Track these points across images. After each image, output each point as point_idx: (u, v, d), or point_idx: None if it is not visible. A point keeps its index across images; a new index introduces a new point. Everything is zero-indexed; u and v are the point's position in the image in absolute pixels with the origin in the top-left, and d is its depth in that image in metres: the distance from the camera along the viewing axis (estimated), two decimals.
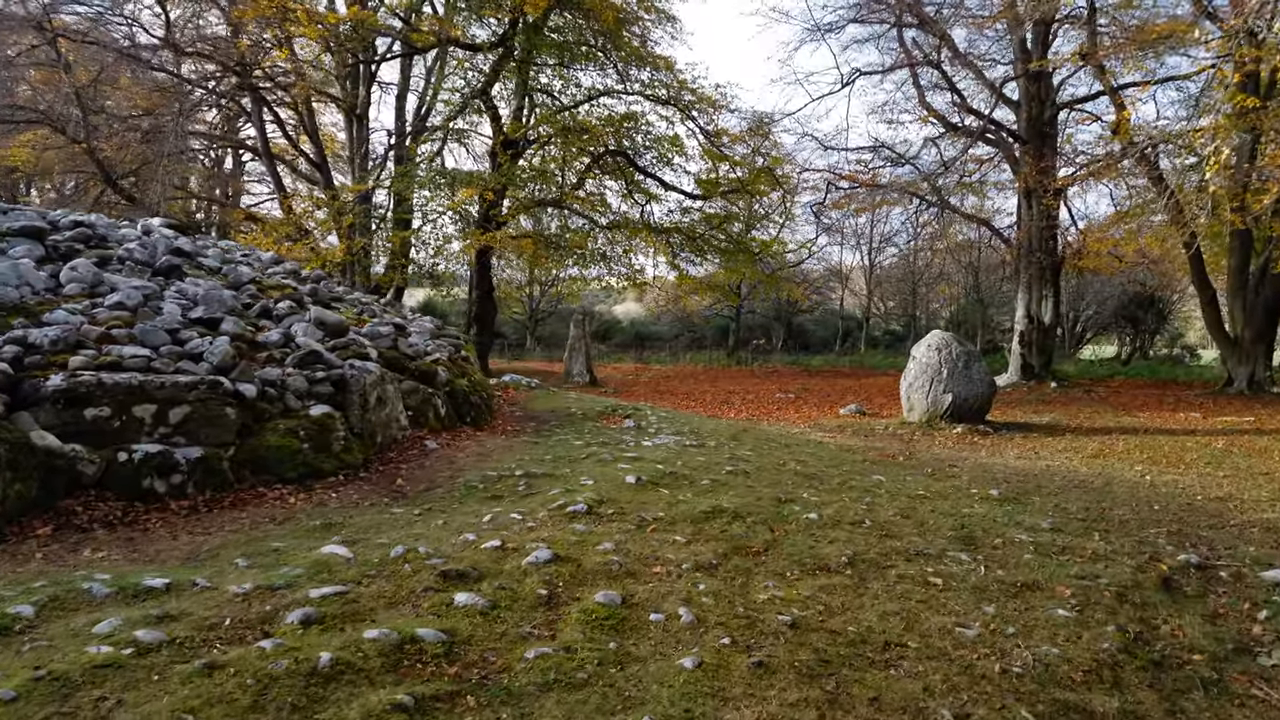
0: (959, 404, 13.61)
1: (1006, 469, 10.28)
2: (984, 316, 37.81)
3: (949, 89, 20.80)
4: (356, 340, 6.72)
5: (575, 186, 25.41)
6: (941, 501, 6.68)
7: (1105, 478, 9.73)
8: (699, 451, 7.38)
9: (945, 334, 14.25)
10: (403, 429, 6.53)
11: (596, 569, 3.94)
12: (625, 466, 6.16)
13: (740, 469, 6.70)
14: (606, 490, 5.48)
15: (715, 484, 6.01)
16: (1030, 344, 21.34)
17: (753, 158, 26.51)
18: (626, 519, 4.87)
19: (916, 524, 5.73)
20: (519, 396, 10.89)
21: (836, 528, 5.35)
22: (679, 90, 23.21)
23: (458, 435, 7.17)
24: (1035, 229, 20.86)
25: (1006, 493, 7.71)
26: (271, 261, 9.17)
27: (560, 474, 5.84)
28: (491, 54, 21.94)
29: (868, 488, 6.81)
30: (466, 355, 9.51)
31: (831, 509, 5.79)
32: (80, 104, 22.28)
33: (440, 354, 7.92)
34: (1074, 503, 7.84)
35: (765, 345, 47.17)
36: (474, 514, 4.82)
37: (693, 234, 25.99)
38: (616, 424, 9.21)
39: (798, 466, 7.32)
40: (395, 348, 7.41)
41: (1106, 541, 5.82)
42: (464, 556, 3.93)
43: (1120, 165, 16.51)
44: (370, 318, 7.95)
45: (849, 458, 9.08)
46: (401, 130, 25.86)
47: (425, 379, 7.32)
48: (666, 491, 5.60)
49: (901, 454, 11.26)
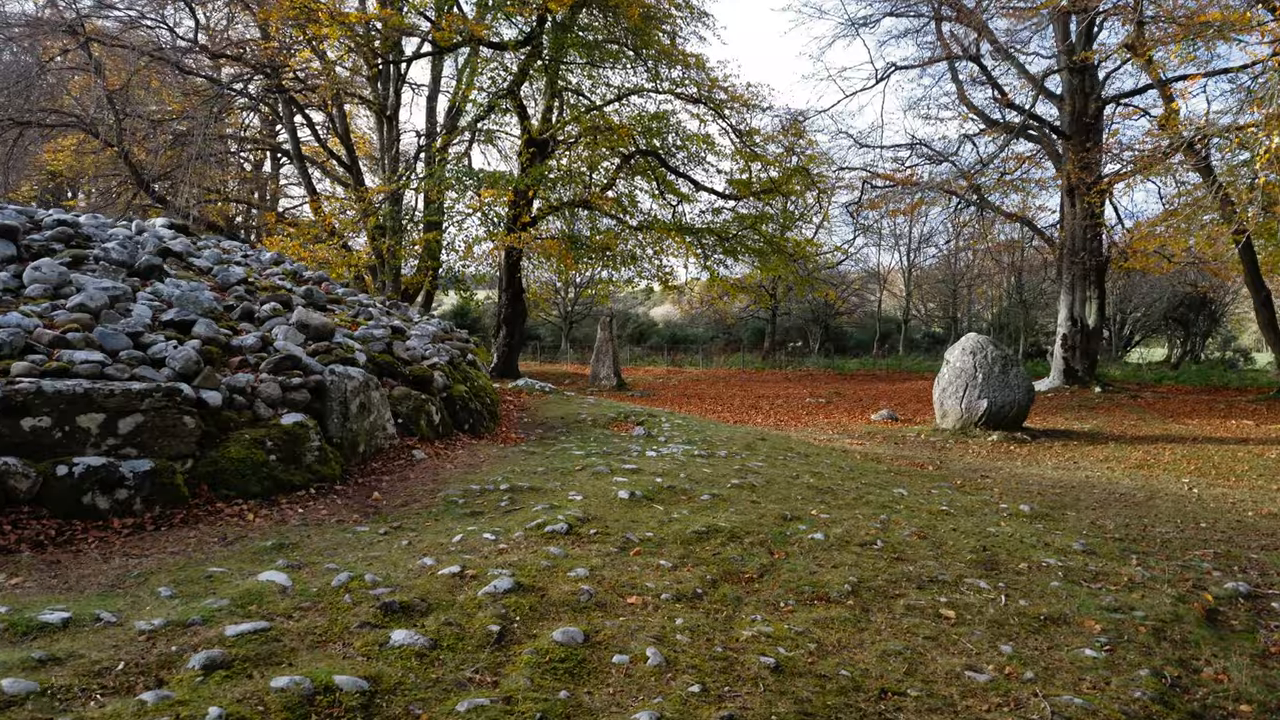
0: (995, 411, 13.00)
1: (1042, 481, 9.70)
2: (1027, 319, 36.74)
3: (988, 83, 20.09)
4: (343, 344, 6.38)
5: (605, 187, 25.08)
6: (966, 519, 6.18)
7: (1148, 491, 9.12)
8: (706, 462, 6.95)
9: (981, 337, 13.64)
10: (390, 438, 6.19)
11: (563, 600, 3.54)
12: (621, 480, 5.75)
13: (748, 482, 6.26)
14: (595, 507, 5.08)
15: (717, 499, 5.58)
16: (1073, 347, 20.54)
17: (787, 157, 25.93)
18: (610, 540, 4.47)
19: (934, 545, 5.25)
20: (530, 402, 10.52)
21: (844, 550, 4.90)
22: (710, 88, 22.73)
23: (452, 444, 6.81)
24: (1079, 228, 20.07)
25: (1039, 508, 7.18)
26: (271, 262, 8.90)
27: (549, 488, 5.45)
28: (519, 53, 21.67)
29: (886, 503, 6.33)
30: (475, 360, 9.17)
31: (841, 528, 5.34)
32: (112, 107, 22.48)
33: (439, 358, 7.57)
34: (1112, 519, 7.28)
35: (802, 348, 46.47)
36: (445, 533, 4.44)
37: (725, 234, 25.51)
38: (626, 431, 8.81)
39: (812, 479, 6.86)
40: (390, 352, 7.07)
41: (1145, 566, 5.29)
42: (415, 585, 3.56)
43: (1169, 160, 15.73)
44: (366, 320, 7.65)
45: (871, 468, 8.58)
46: (432, 131, 25.72)
47: (420, 385, 6.98)
48: (660, 508, 5.19)
49: (931, 464, 10.71)
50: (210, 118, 22.30)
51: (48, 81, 26.40)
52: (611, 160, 25.62)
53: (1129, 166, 18.58)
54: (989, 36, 19.56)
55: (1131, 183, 18.06)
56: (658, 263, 26.33)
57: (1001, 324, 40.32)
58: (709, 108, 24.06)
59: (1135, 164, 17.88)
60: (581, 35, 23.22)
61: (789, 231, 28.54)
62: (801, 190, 27.80)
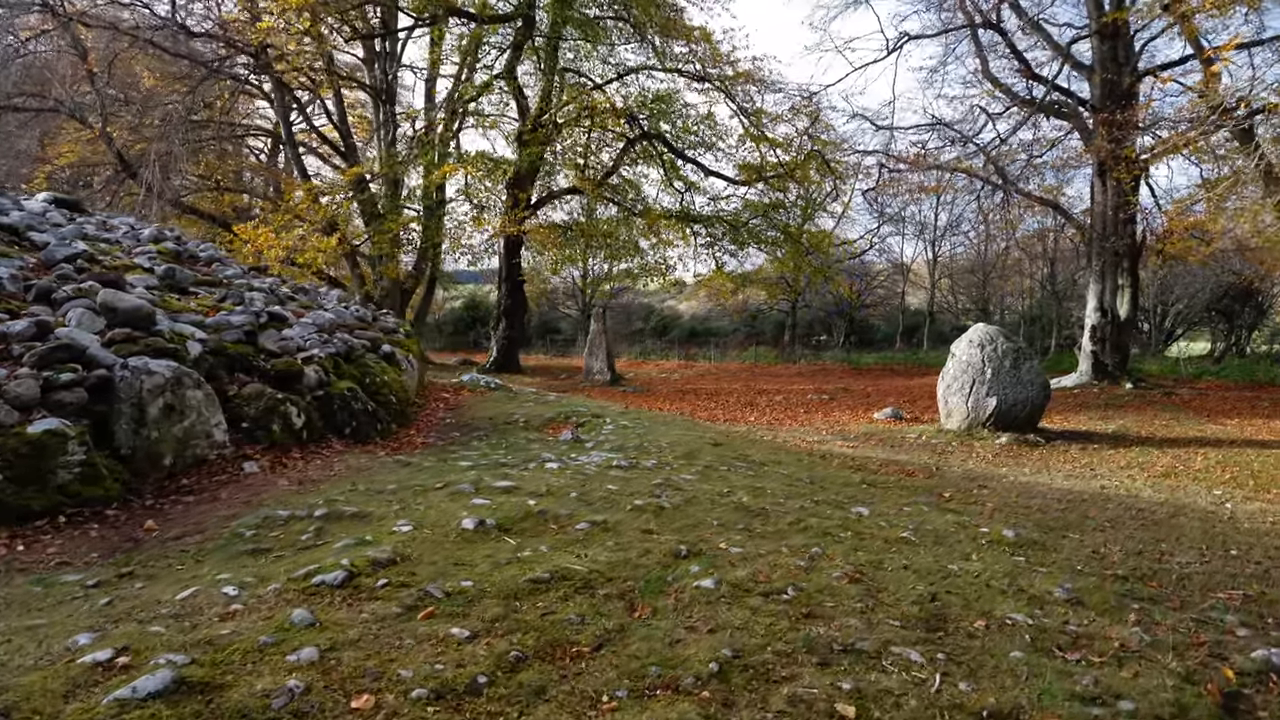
0: (1005, 410, 11.67)
1: (1048, 493, 8.40)
2: (1059, 310, 34.94)
3: (1011, 53, 18.55)
4: (167, 332, 5.30)
5: (608, 173, 23.92)
6: (927, 550, 4.97)
7: (1172, 506, 7.79)
8: (621, 476, 5.78)
9: (990, 328, 12.30)
10: (218, 446, 5.10)
11: (241, 709, 2.41)
12: (482, 502, 4.60)
13: (654, 503, 5.07)
14: (418, 543, 3.94)
15: (596, 529, 4.41)
16: (1103, 340, 19.00)
17: (799, 140, 24.52)
18: (401, 595, 3.32)
19: (868, 593, 4.05)
20: (468, 400, 9.40)
21: (737, 602, 3.72)
22: (714, 62, 21.41)
23: (313, 453, 5.70)
24: (1109, 210, 18.52)
25: (1029, 532, 5.91)
26: (150, 239, 7.88)
27: (378, 514, 4.33)
28: (507, 28, 20.56)
29: (829, 529, 5.12)
30: (393, 353, 8.06)
31: (748, 568, 4.15)
32: (94, 89, 21.70)
33: (321, 350, 6.47)
34: (1121, 545, 6.00)
35: (827, 341, 44.87)
36: (182, 584, 3.34)
37: (735, 224, 24.21)
38: (554, 435, 7.67)
39: (747, 497, 5.66)
40: (250, 342, 5.98)
41: (1147, 622, 4.05)
42: (18, 686, 2.44)
43: (1207, 130, 14.17)
44: (235, 305, 6.58)
45: (840, 480, 7.35)
46: (431, 114, 24.72)
47: (282, 382, 5.88)
48: (510, 542, 4.05)
49: (923, 471, 9.43)
50: (194, 101, 21.47)
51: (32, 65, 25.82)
52: (615, 145, 24.46)
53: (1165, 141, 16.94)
54: (1011, 1, 18.04)
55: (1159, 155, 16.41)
56: (661, 252, 25.17)
57: (1033, 316, 38.50)
58: (716, 86, 22.79)
59: (1170, 138, 16.26)
60: (582, 12, 22.06)
61: (809, 223, 27.15)
62: (817, 179, 26.43)
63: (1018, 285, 41.61)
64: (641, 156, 24.40)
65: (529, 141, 20.18)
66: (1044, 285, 37.36)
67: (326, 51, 22.86)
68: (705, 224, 23.89)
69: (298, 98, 24.57)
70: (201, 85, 20.62)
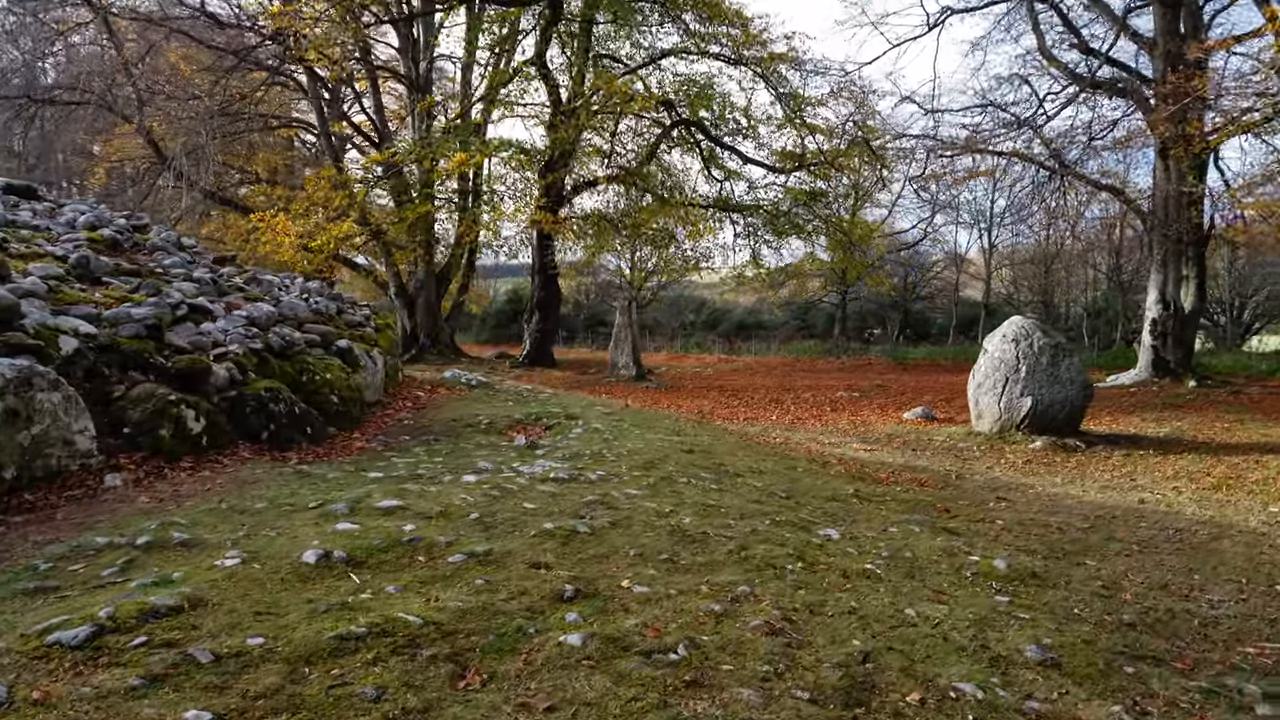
0: (1041, 410, 10.65)
1: (1075, 508, 7.46)
2: (1125, 303, 33.10)
3: (1064, 26, 17.24)
4: (27, 327, 4.74)
5: (644, 160, 23.14)
6: (886, 588, 4.17)
7: (1216, 526, 6.80)
8: (552, 491, 5.07)
9: (1026, 322, 11.28)
10: (81, 455, 4.51)
11: None
12: (349, 526, 3.93)
13: (569, 527, 4.34)
14: (239, 580, 3.28)
15: (472, 562, 3.70)
16: (1164, 334, 17.64)
17: (842, 125, 23.37)
18: (156, 657, 2.63)
19: (785, 650, 3.30)
20: (439, 399, 8.78)
21: (603, 666, 2.99)
22: (747, 43, 20.44)
23: (207, 462, 5.08)
24: (1172, 194, 17.14)
25: (1028, 562, 5.05)
26: (86, 225, 7.40)
27: (216, 542, 3.68)
28: (531, 13, 19.94)
29: (774, 560, 4.34)
30: (349, 348, 7.47)
31: (643, 616, 3.43)
32: (131, 81, 21.75)
33: (237, 347, 5.87)
34: (1143, 577, 5.10)
35: (880, 335, 43.44)
36: None
37: (774, 213, 23.20)
38: (509, 440, 7.00)
39: (690, 519, 4.90)
40: (150, 337, 5.40)
41: (1137, 695, 3.22)
42: None
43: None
44: (149, 295, 6.04)
45: (823, 493, 6.54)
46: (466, 102, 24.29)
47: (183, 381, 5.28)
48: (355, 580, 3.38)
49: (938, 480, 8.54)
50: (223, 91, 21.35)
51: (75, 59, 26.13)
52: (649, 132, 23.70)
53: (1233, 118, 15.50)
54: None
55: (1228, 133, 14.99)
56: (697, 244, 24.33)
57: (1098, 309, 36.63)
58: (754, 70, 21.80)
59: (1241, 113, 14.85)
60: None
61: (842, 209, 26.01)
62: (862, 165, 25.27)
63: (1083, 277, 39.68)
64: (679, 143, 23.59)
65: (559, 126, 19.56)
66: (1109, 276, 35.48)
67: (361, 41, 22.60)
68: (743, 213, 22.97)
69: (331, 88, 24.33)
70: (228, 75, 20.45)
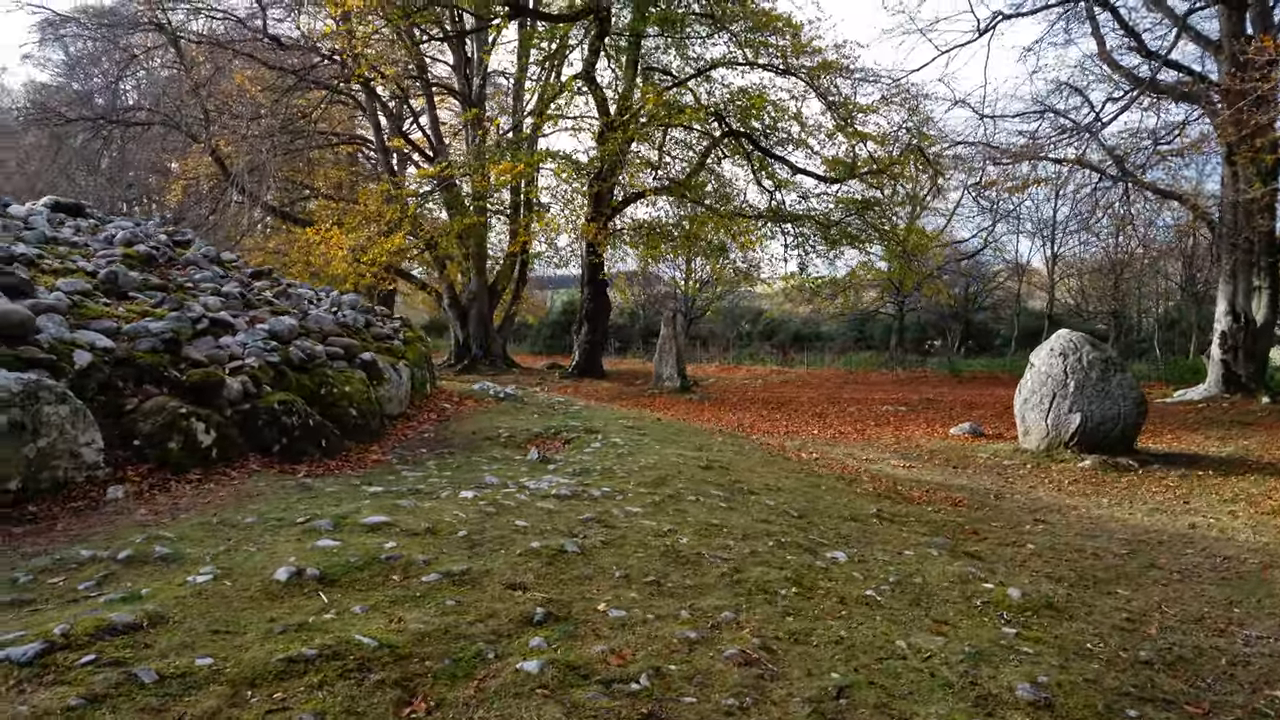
0: (1091, 428, 10.21)
1: (1117, 532, 7.10)
2: (1199, 315, 31.80)
3: (1121, 29, 16.64)
4: (41, 341, 4.82)
5: (694, 171, 23.04)
6: (884, 618, 3.97)
7: (1268, 555, 6.38)
8: (551, 507, 4.97)
9: (1075, 335, 10.84)
10: (88, 468, 4.57)
11: None
12: (326, 544, 3.85)
13: (557, 546, 4.22)
14: (205, 597, 3.24)
15: (447, 581, 3.60)
16: (1234, 348, 16.84)
17: (894, 132, 22.93)
18: (100, 676, 2.57)
19: (756, 682, 3.14)
20: (464, 411, 8.76)
21: (557, 695, 2.86)
22: (797, 53, 20.21)
23: (215, 474, 5.08)
24: (1240, 201, 16.37)
25: (1050, 590, 4.77)
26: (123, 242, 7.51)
27: (195, 557, 3.64)
28: (580, 26, 20.04)
29: (768, 583, 4.16)
30: (373, 361, 7.49)
31: (613, 642, 3.30)
32: (199, 100, 22.53)
33: (254, 360, 5.92)
34: (1177, 609, 4.79)
35: (940, 346, 42.46)
36: None
37: (826, 222, 22.85)
38: (523, 455, 6.93)
39: (689, 538, 4.75)
40: (167, 351, 5.46)
41: None
42: None
43: None
44: (171, 310, 6.13)
45: (842, 513, 6.31)
46: (519, 118, 24.58)
47: (196, 394, 5.33)
48: (324, 599, 3.31)
49: (974, 501, 8.22)
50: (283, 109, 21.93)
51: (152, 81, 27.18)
52: (700, 143, 23.60)
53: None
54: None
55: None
56: (744, 253, 24.10)
57: (1171, 320, 35.28)
58: (804, 80, 21.53)
59: None
60: (663, 7, 21.33)
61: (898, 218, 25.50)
62: (917, 173, 24.78)
63: (1155, 287, 38.26)
64: (729, 154, 23.43)
65: (607, 139, 19.60)
66: (1182, 287, 34.15)
67: (417, 59, 23.05)
68: (794, 222, 22.68)
69: (390, 105, 24.84)
70: (289, 94, 21.01)
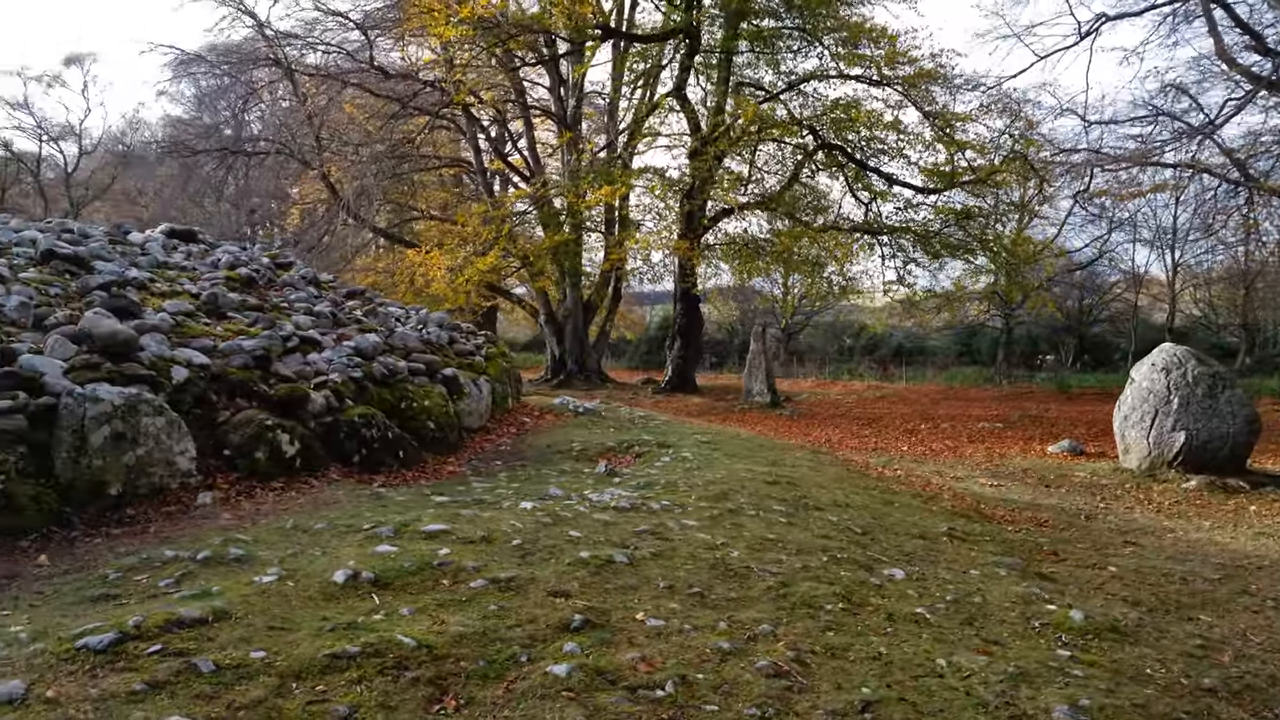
0: (1196, 447, 9.71)
1: (1214, 554, 6.77)
2: None
3: (1236, 26, 15.77)
4: (148, 358, 5.23)
5: (786, 186, 22.93)
6: (931, 636, 3.93)
7: None
8: (608, 519, 5.05)
9: (1179, 349, 10.34)
10: (182, 475, 4.93)
11: None
12: (385, 550, 4.02)
13: (607, 557, 4.31)
14: (268, 596, 3.48)
15: (493, 587, 3.72)
16: None
17: (996, 138, 22.26)
18: (164, 664, 2.80)
19: (783, 694, 3.17)
20: (543, 425, 8.96)
21: (582, 698, 2.96)
22: (892, 64, 19.91)
23: (298, 483, 5.38)
24: None
25: (1120, 614, 4.59)
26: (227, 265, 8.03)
27: (266, 559, 3.85)
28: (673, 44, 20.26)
29: (815, 598, 4.17)
30: (454, 376, 7.79)
31: (646, 650, 3.39)
32: (313, 130, 23.88)
33: (337, 375, 6.26)
34: (1262, 638, 4.55)
35: (1053, 360, 40.73)
36: None
37: (925, 234, 22.35)
38: (592, 468, 7.06)
39: (741, 551, 4.78)
40: (258, 367, 5.86)
41: None
42: None
43: None
44: (265, 329, 6.54)
45: (911, 530, 6.22)
46: (613, 137, 25.04)
47: (283, 408, 5.69)
48: (375, 600, 3.48)
49: (1062, 522, 7.94)
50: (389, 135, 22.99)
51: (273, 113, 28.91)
52: (793, 157, 23.48)
53: None
54: None
55: None
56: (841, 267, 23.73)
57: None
58: (899, 91, 21.19)
59: None
60: (755, 24, 21.39)
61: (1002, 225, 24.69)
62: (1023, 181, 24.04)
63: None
64: (823, 167, 23.21)
65: (698, 155, 19.76)
66: None
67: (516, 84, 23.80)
68: (892, 234, 22.27)
69: (487, 129, 25.67)
70: (393, 120, 22.00)
